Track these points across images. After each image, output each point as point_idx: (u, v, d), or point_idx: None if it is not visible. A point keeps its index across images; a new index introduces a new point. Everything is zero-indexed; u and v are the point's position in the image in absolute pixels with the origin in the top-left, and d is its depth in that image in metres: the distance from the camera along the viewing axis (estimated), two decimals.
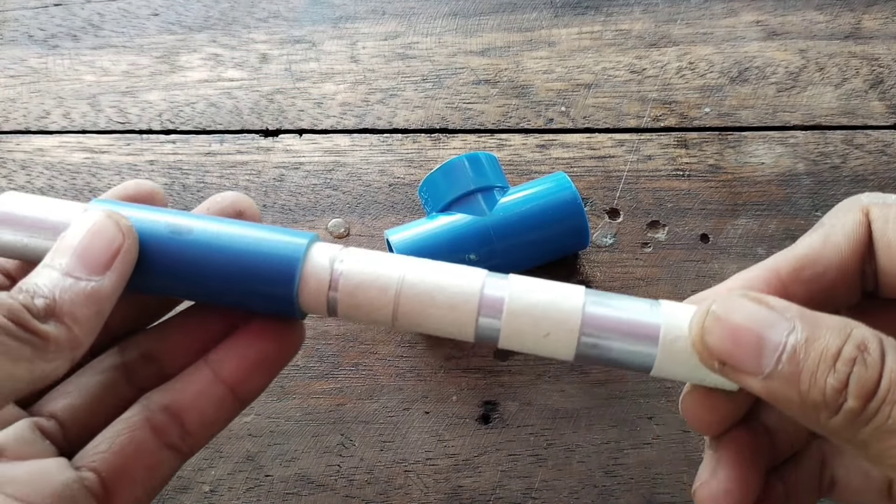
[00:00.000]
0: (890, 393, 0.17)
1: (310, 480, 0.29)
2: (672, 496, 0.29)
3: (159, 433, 0.20)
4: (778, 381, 0.18)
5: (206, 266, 0.19)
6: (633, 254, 0.34)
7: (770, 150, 0.36)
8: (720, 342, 0.19)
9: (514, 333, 0.21)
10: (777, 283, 0.21)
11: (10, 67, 0.40)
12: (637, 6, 0.42)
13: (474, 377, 0.31)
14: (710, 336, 0.19)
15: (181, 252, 0.19)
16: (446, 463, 0.29)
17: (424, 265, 0.21)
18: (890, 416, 0.16)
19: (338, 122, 0.38)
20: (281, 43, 0.41)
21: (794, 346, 0.18)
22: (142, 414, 0.20)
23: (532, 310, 0.21)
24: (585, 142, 0.37)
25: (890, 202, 0.20)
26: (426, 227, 0.30)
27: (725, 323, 0.19)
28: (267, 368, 0.21)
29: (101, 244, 0.19)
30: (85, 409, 0.21)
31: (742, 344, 0.18)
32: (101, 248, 0.19)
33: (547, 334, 0.21)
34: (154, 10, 0.42)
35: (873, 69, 0.39)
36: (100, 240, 0.19)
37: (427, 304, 0.20)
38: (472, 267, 0.21)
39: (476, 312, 0.21)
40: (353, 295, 0.20)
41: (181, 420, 0.20)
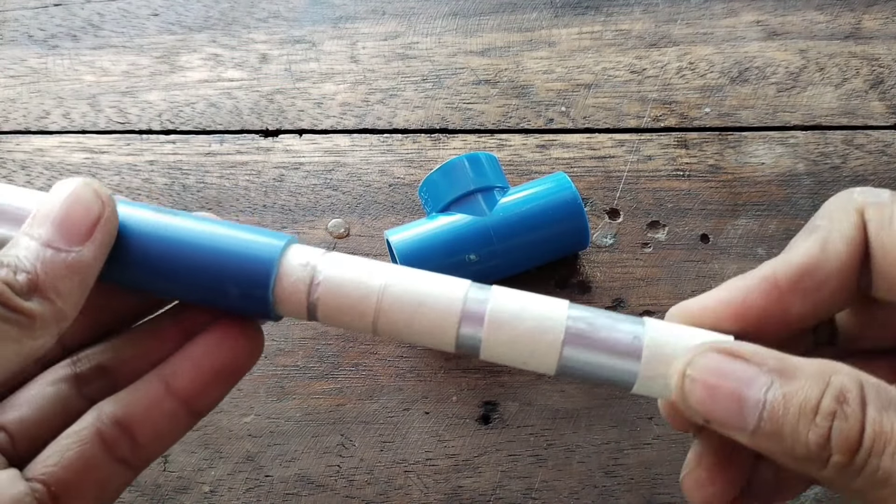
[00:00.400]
0: (875, 444, 0.16)
1: (310, 481, 0.29)
2: (672, 496, 0.29)
3: (110, 447, 0.19)
4: (763, 437, 0.17)
5: (185, 257, 0.19)
6: (633, 254, 0.34)
7: (770, 151, 0.36)
8: (700, 404, 0.18)
9: (496, 345, 0.20)
10: (775, 292, 0.20)
11: (10, 67, 0.40)
12: (637, 6, 0.42)
13: (474, 377, 0.31)
14: (690, 397, 0.18)
15: (161, 240, 0.19)
16: (446, 463, 0.29)
17: (407, 273, 0.20)
18: (879, 468, 0.16)
19: (338, 123, 0.38)
20: (281, 43, 0.41)
21: (772, 403, 0.17)
22: (92, 427, 0.19)
23: (514, 322, 0.20)
24: (585, 142, 0.37)
25: (883, 200, 0.19)
26: (426, 228, 0.30)
27: (703, 384, 0.18)
28: (222, 381, 0.20)
29: (81, 213, 0.18)
30: (35, 420, 0.20)
31: (722, 403, 0.18)
32: (80, 216, 0.18)
33: (528, 348, 0.20)
34: (154, 10, 0.42)
35: (873, 69, 0.39)
36: (79, 208, 0.18)
37: (409, 312, 0.20)
38: (455, 277, 0.21)
39: (457, 323, 0.20)
40: (333, 300, 0.20)
41: (132, 433, 0.19)
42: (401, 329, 0.20)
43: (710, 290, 0.21)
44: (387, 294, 0.20)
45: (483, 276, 0.31)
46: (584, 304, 0.33)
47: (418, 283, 0.20)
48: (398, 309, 0.20)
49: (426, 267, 0.26)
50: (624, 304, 0.32)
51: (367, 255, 0.34)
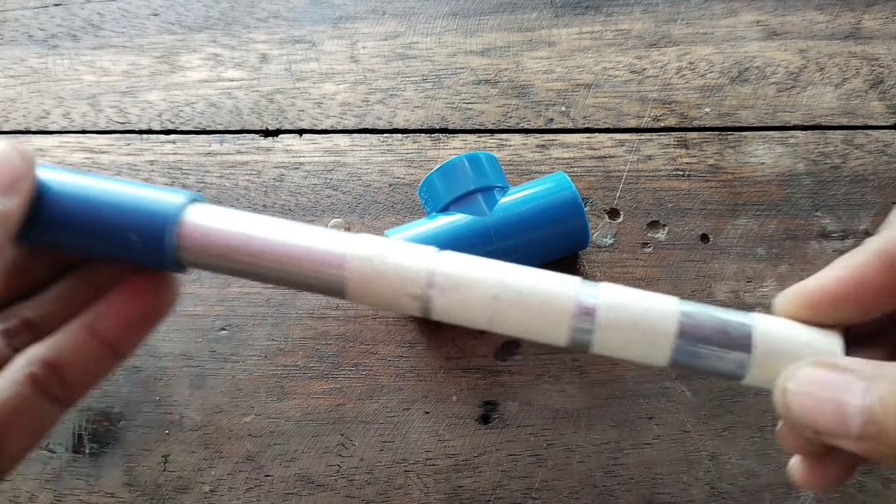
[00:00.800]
0: None
1: (310, 480, 0.29)
2: (672, 496, 0.29)
3: (41, 387, 0.21)
4: (867, 441, 0.18)
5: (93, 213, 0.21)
6: (633, 254, 0.34)
7: (770, 150, 0.36)
8: (803, 417, 0.19)
9: (609, 340, 0.22)
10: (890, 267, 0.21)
11: (10, 67, 0.40)
12: (637, 6, 0.42)
13: (474, 377, 0.31)
14: (794, 409, 0.19)
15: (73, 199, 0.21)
16: (446, 463, 0.29)
17: (519, 270, 0.22)
18: None
19: (338, 122, 0.38)
20: (281, 43, 0.41)
21: (871, 406, 0.18)
22: (24, 369, 0.21)
23: (627, 317, 0.22)
24: (585, 142, 0.37)
25: None
26: (426, 228, 0.30)
27: (803, 398, 0.19)
28: (140, 326, 0.23)
29: (6, 168, 0.20)
30: None
31: (825, 414, 0.19)
32: (5, 171, 0.20)
33: (641, 342, 0.22)
34: (154, 10, 0.42)
35: (873, 69, 0.39)
36: (5, 164, 0.20)
37: (523, 308, 0.21)
38: (563, 274, 0.22)
39: (571, 318, 0.21)
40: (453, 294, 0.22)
41: (61, 373, 0.21)
42: (514, 324, 0.22)
43: (823, 270, 0.22)
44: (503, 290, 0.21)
45: None
46: None
47: (532, 280, 0.22)
48: (513, 305, 0.21)
49: None
50: None
51: None
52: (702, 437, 0.30)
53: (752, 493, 0.29)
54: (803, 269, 0.33)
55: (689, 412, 0.30)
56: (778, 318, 0.22)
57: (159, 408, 0.31)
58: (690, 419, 0.30)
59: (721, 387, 0.30)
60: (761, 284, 0.33)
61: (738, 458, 0.29)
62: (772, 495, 0.28)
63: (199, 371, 0.31)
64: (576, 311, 0.22)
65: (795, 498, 0.28)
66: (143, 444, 0.30)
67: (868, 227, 0.34)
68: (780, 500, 0.28)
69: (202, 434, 0.30)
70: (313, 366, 0.31)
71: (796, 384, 0.20)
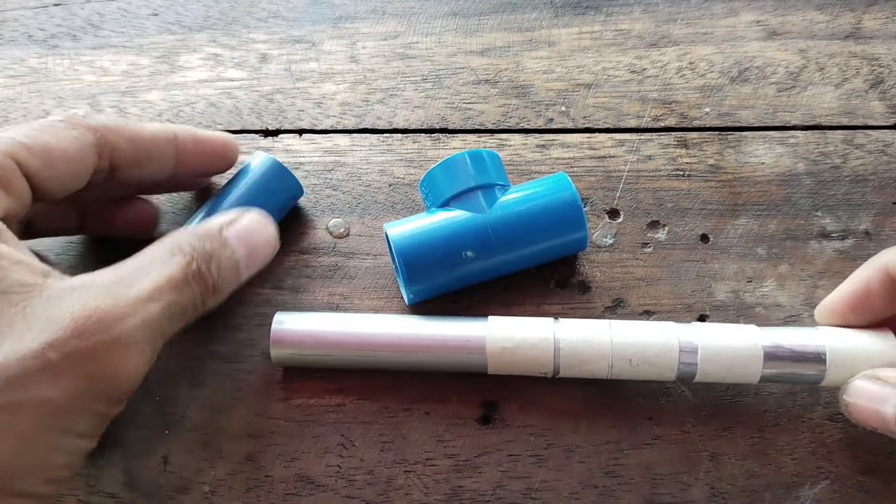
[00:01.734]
0: None
1: (310, 480, 0.29)
2: (672, 496, 0.29)
3: (98, 144, 0.27)
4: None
5: None
6: (633, 254, 0.34)
7: (770, 150, 0.36)
8: (859, 420, 0.26)
9: (709, 371, 0.28)
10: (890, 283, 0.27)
11: (10, 67, 0.40)
12: (637, 6, 0.42)
13: (475, 377, 0.31)
14: (852, 416, 0.27)
15: None
16: (446, 463, 0.29)
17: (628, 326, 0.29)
18: None
19: (338, 122, 0.38)
20: (281, 43, 0.41)
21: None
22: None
23: (722, 352, 0.28)
24: (585, 142, 0.37)
25: None
26: (424, 222, 0.30)
27: (854, 406, 0.26)
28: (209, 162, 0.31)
29: (265, 248, 0.28)
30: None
31: (871, 418, 0.26)
32: (265, 250, 0.28)
33: (736, 370, 0.28)
34: (154, 10, 0.42)
35: (873, 69, 0.39)
36: (266, 246, 0.28)
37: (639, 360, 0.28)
38: (665, 323, 0.29)
39: (676, 367, 0.28)
40: (577, 369, 0.28)
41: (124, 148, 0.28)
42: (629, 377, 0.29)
43: (842, 284, 0.29)
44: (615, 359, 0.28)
45: (481, 274, 0.31)
46: (583, 303, 0.33)
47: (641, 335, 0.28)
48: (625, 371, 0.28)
49: (424, 260, 0.30)
50: (624, 304, 0.32)
51: (367, 254, 0.34)
52: (702, 437, 0.30)
53: (752, 493, 0.29)
54: (803, 269, 0.33)
55: (689, 412, 0.30)
56: (840, 329, 0.28)
57: (159, 408, 0.31)
58: (690, 419, 0.30)
59: (721, 387, 0.30)
60: (761, 284, 0.33)
61: (738, 459, 0.29)
62: (772, 495, 0.28)
63: (199, 371, 0.31)
64: (679, 357, 0.28)
65: (796, 498, 0.28)
66: (142, 445, 0.30)
67: (868, 227, 0.34)
68: (780, 500, 0.28)
69: (202, 434, 0.30)
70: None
71: (848, 395, 0.27)
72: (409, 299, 0.31)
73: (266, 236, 0.27)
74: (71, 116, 0.26)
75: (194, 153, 0.30)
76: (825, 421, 0.30)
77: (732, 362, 0.27)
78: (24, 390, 0.20)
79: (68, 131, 0.26)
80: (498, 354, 0.28)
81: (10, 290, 0.21)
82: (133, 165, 0.28)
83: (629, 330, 0.28)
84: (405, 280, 0.30)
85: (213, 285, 0.25)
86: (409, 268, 0.29)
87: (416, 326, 0.30)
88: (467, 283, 0.31)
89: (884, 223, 0.34)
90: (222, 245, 0.25)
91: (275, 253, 0.28)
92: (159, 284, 0.23)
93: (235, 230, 0.26)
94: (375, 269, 0.34)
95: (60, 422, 0.21)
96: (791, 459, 0.29)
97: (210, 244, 0.25)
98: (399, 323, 0.30)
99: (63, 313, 0.21)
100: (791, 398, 0.30)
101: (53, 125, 0.26)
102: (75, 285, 0.22)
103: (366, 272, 0.34)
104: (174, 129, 0.29)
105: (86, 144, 0.26)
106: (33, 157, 0.24)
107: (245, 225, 0.26)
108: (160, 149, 0.29)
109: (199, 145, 0.30)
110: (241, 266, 0.26)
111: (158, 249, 0.24)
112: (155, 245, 0.25)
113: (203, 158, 0.31)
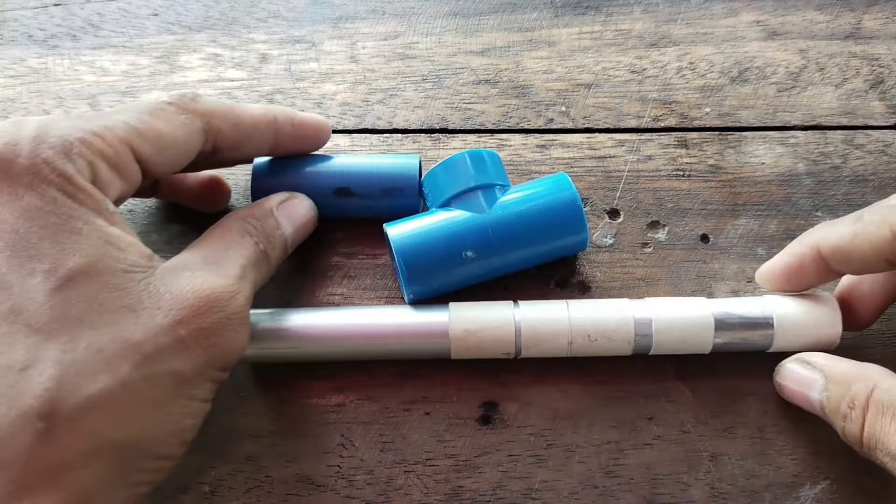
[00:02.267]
0: (869, 443, 0.24)
1: (310, 481, 0.29)
2: (672, 496, 0.29)
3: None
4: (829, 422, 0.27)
5: None
6: (633, 254, 0.34)
7: (770, 150, 0.36)
8: (790, 399, 0.29)
9: (664, 342, 0.29)
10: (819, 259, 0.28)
11: (10, 67, 0.40)
12: (637, 6, 0.42)
13: (474, 377, 0.31)
14: (784, 394, 0.29)
15: None
16: (446, 463, 0.29)
17: (584, 304, 0.30)
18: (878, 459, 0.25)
19: (338, 122, 0.38)
20: (281, 43, 0.41)
21: (822, 403, 0.27)
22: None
23: (676, 323, 0.29)
24: (585, 142, 0.37)
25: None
26: (424, 222, 0.30)
27: (785, 389, 0.29)
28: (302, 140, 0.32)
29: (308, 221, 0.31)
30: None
31: (801, 400, 0.28)
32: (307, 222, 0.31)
33: (689, 341, 0.29)
34: (154, 10, 0.42)
35: (874, 69, 0.39)
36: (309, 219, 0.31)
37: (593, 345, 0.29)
38: (618, 299, 0.30)
39: (632, 338, 0.29)
40: (536, 347, 0.29)
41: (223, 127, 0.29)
42: (588, 353, 0.30)
43: (777, 255, 0.30)
44: (574, 334, 0.29)
45: (481, 274, 0.31)
46: None
47: (596, 311, 0.29)
48: (584, 346, 0.29)
49: (424, 260, 0.30)
50: None
51: (367, 254, 0.34)
52: (702, 437, 0.30)
53: (752, 493, 0.29)
54: None
55: (689, 412, 0.30)
56: (786, 297, 0.30)
57: None
58: (690, 419, 0.30)
59: (721, 387, 0.30)
60: None
61: (738, 459, 0.29)
62: (772, 495, 0.28)
63: None
64: (635, 336, 0.29)
65: (796, 498, 0.28)
66: None
67: None
68: (780, 500, 0.28)
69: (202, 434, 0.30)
70: (313, 366, 0.31)
71: (780, 377, 0.29)
72: (409, 299, 0.31)
73: (309, 216, 0.31)
74: (179, 100, 0.27)
75: (292, 136, 0.31)
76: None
77: (686, 332, 0.29)
78: (159, 364, 0.22)
79: (178, 116, 0.27)
80: (461, 338, 0.29)
81: (131, 269, 0.23)
82: (234, 148, 0.29)
83: (586, 307, 0.29)
84: (405, 280, 0.30)
85: (273, 261, 0.28)
86: (409, 267, 0.29)
87: (380, 316, 0.30)
88: (467, 283, 0.31)
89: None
90: (276, 225, 0.28)
91: (313, 230, 0.32)
92: (244, 264, 0.26)
93: (285, 209, 0.29)
94: (375, 269, 0.34)
95: (189, 390, 0.23)
96: (791, 460, 0.29)
97: (266, 224, 0.28)
98: (364, 313, 0.30)
99: (185, 292, 0.23)
100: None
101: (164, 110, 0.26)
102: (180, 266, 0.24)
103: (366, 272, 0.34)
104: (274, 112, 0.30)
105: (194, 130, 0.27)
106: (146, 143, 0.25)
107: (294, 205, 0.30)
108: (261, 132, 0.30)
109: (296, 129, 0.31)
110: (289, 243, 0.29)
111: (229, 231, 0.27)
112: (222, 226, 0.27)
113: (299, 140, 0.32)
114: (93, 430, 0.21)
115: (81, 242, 0.22)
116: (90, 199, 0.23)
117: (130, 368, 0.21)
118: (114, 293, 0.22)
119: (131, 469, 0.22)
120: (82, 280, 0.22)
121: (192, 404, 0.24)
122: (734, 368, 0.31)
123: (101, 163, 0.24)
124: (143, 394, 0.22)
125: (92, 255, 0.22)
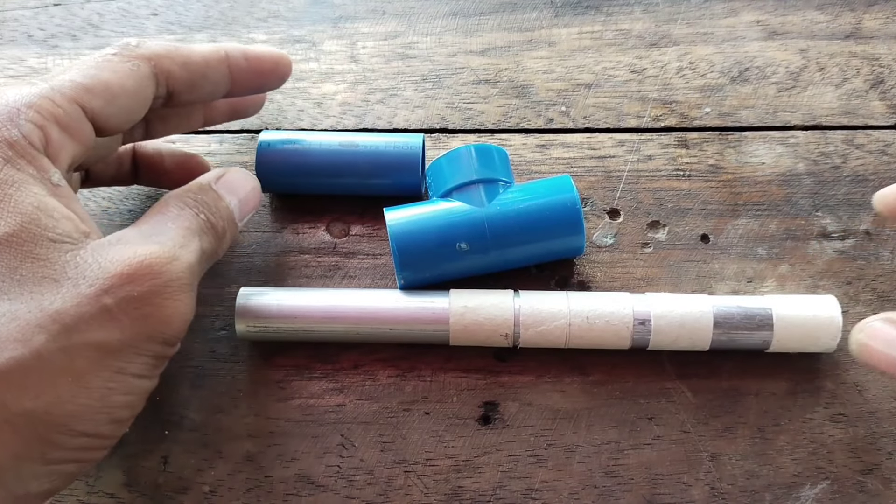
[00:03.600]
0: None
1: (310, 481, 0.29)
2: (672, 496, 0.29)
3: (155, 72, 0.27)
4: None
5: None
6: (634, 254, 0.34)
7: (770, 150, 0.36)
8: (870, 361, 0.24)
9: (662, 337, 0.29)
10: None
11: (10, 67, 0.40)
12: (637, 6, 0.41)
13: (474, 377, 0.31)
14: (862, 356, 0.25)
15: None
16: (446, 464, 0.29)
17: (584, 296, 0.30)
18: None
19: (338, 122, 0.38)
20: (281, 43, 0.41)
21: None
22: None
23: (675, 318, 0.29)
24: (585, 142, 0.37)
25: None
26: (423, 210, 0.31)
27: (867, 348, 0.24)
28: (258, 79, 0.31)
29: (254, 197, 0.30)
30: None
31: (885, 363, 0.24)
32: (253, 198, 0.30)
33: (688, 337, 0.29)
34: (154, 10, 0.42)
35: (874, 69, 0.39)
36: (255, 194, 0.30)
37: (591, 330, 0.29)
38: (618, 293, 0.30)
39: (631, 331, 0.29)
40: (535, 329, 0.29)
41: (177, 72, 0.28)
42: (585, 343, 0.30)
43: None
44: (573, 317, 0.29)
45: (474, 268, 0.31)
46: None
47: (594, 303, 0.29)
48: (582, 331, 0.29)
49: (417, 247, 0.30)
50: None
51: (367, 254, 0.34)
52: (702, 437, 0.30)
53: (752, 493, 0.29)
54: (804, 269, 0.33)
55: (689, 412, 0.30)
56: (786, 296, 0.30)
57: (159, 408, 0.31)
58: (690, 419, 0.30)
59: (721, 387, 0.30)
60: (762, 284, 0.33)
61: (738, 459, 0.29)
62: (772, 496, 0.28)
63: (199, 371, 0.31)
64: (634, 322, 0.29)
65: (796, 498, 0.28)
66: (142, 444, 0.30)
67: (868, 227, 0.34)
68: (780, 500, 0.28)
69: (202, 434, 0.30)
70: (313, 366, 0.31)
71: (867, 336, 0.25)
72: (401, 284, 0.31)
73: (251, 185, 0.29)
74: (123, 48, 0.27)
75: (247, 70, 0.30)
76: (825, 421, 0.30)
77: (685, 323, 0.29)
78: (80, 334, 0.21)
79: (124, 64, 0.26)
80: (459, 314, 0.29)
81: (60, 239, 0.22)
82: (189, 89, 0.28)
83: (585, 296, 0.30)
84: (397, 264, 0.30)
85: (221, 230, 0.27)
86: (402, 252, 0.30)
87: (380, 298, 0.30)
88: (461, 276, 0.31)
89: (884, 223, 0.34)
90: (217, 197, 0.28)
91: (261, 202, 0.31)
92: (184, 234, 0.25)
93: (224, 183, 0.28)
94: (375, 269, 0.34)
95: (116, 363, 0.22)
96: (791, 459, 0.29)
97: (206, 196, 0.27)
98: (364, 295, 0.31)
99: (114, 261, 0.22)
100: (791, 398, 0.30)
101: (109, 60, 0.26)
102: (114, 240, 0.24)
103: (366, 272, 0.34)
104: (225, 47, 0.30)
105: (144, 76, 0.26)
106: (95, 97, 0.25)
107: (232, 178, 0.29)
108: (213, 68, 0.29)
109: (251, 62, 0.30)
110: (236, 214, 0.28)
111: (166, 206, 0.26)
112: (159, 205, 0.26)
113: (256, 75, 0.31)
114: (1, 401, 0.20)
115: (10, 210, 0.22)
116: (31, 167, 0.23)
117: (46, 338, 0.21)
118: (37, 262, 0.21)
119: (47, 444, 0.21)
120: (4, 248, 0.21)
121: (122, 378, 0.22)
122: (734, 369, 0.31)
123: (53, 125, 0.23)
124: (60, 365, 0.21)
125: (18, 224, 0.22)
